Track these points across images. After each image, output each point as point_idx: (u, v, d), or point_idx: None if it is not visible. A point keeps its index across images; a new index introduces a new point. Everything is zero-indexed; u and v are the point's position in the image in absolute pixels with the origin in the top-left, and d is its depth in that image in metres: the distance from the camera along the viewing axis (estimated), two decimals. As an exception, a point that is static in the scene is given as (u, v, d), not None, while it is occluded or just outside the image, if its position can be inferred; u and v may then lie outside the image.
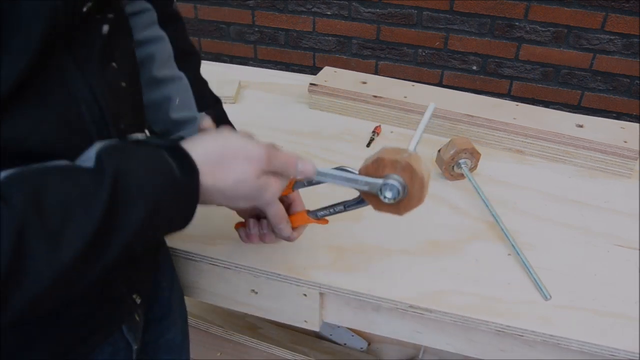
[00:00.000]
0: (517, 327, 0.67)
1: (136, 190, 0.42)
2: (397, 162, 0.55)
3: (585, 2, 1.90)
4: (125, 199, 0.41)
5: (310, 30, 2.29)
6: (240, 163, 0.50)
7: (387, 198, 0.56)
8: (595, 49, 1.99)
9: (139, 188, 0.42)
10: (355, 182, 0.58)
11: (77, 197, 0.39)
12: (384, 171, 0.56)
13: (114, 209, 0.41)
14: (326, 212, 0.65)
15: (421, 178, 0.55)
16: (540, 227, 0.82)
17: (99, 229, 0.40)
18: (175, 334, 0.79)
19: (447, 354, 1.38)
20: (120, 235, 0.42)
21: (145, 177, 0.43)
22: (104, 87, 0.48)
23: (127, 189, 0.42)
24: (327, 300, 0.76)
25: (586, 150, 0.95)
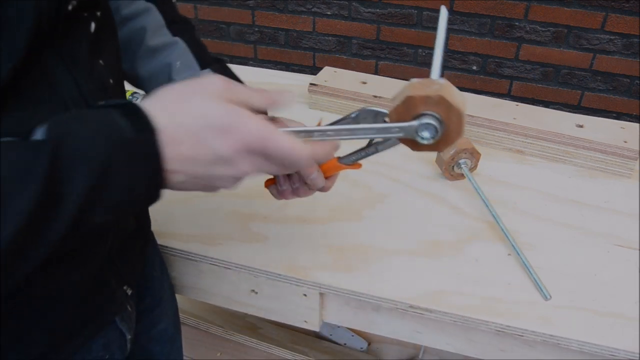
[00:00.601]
0: (517, 327, 0.67)
1: (78, 156, 0.37)
2: (429, 98, 0.49)
3: (585, 2, 1.90)
4: (66, 167, 0.37)
5: (310, 30, 2.29)
6: (195, 94, 0.43)
7: (426, 139, 0.51)
8: (595, 49, 1.99)
9: (80, 153, 0.38)
10: (388, 131, 0.52)
11: (15, 171, 0.36)
12: (416, 110, 0.50)
13: (54, 179, 0.36)
14: (358, 156, 0.59)
15: (457, 110, 0.49)
16: (540, 227, 0.82)
17: (40, 202, 0.36)
18: (167, 325, 0.79)
19: (447, 354, 1.38)
20: (65, 207, 0.37)
21: (88, 140, 0.38)
22: (92, 85, 0.48)
23: (68, 155, 0.37)
24: (327, 300, 0.76)
25: (586, 150, 0.95)
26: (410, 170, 0.94)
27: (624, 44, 1.95)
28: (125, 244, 0.60)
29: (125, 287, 0.61)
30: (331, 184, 0.61)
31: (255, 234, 0.79)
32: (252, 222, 0.81)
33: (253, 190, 0.87)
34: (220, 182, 0.46)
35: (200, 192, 0.48)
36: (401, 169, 0.94)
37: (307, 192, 0.61)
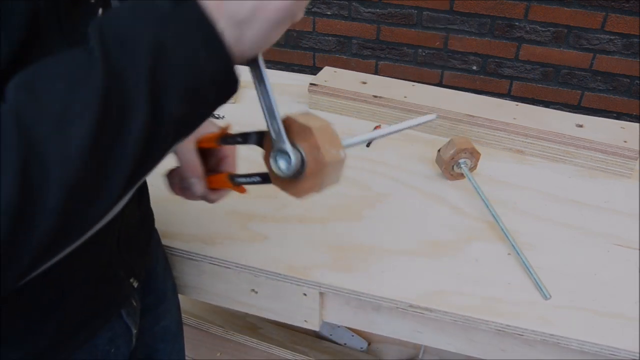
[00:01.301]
0: (517, 327, 0.67)
1: (128, 36, 0.35)
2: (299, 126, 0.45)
3: (585, 2, 1.90)
4: (120, 57, 0.35)
5: (310, 30, 2.29)
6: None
7: (280, 169, 0.47)
8: (595, 49, 1.99)
9: (128, 40, 0.35)
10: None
11: (73, 72, 0.34)
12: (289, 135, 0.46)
13: (113, 73, 0.34)
14: (244, 180, 0.56)
15: (322, 156, 0.44)
16: (540, 227, 0.82)
17: (104, 96, 0.34)
18: (171, 321, 0.79)
19: (448, 354, 1.38)
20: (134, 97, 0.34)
21: (129, 26, 0.36)
22: None
23: (116, 39, 0.35)
24: (327, 300, 0.76)
25: (586, 150, 0.95)
26: (410, 170, 0.94)
27: (624, 44, 1.95)
28: (130, 235, 0.61)
29: (131, 279, 0.62)
30: (217, 198, 0.61)
31: (255, 233, 0.79)
32: (252, 222, 0.81)
33: (253, 190, 0.87)
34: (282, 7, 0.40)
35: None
36: (401, 168, 0.94)
37: (190, 196, 0.61)
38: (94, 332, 0.58)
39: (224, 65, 0.38)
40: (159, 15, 0.36)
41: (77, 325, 0.55)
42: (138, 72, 0.35)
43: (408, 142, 1.02)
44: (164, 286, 0.77)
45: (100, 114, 0.34)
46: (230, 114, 1.10)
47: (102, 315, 0.59)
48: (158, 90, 0.35)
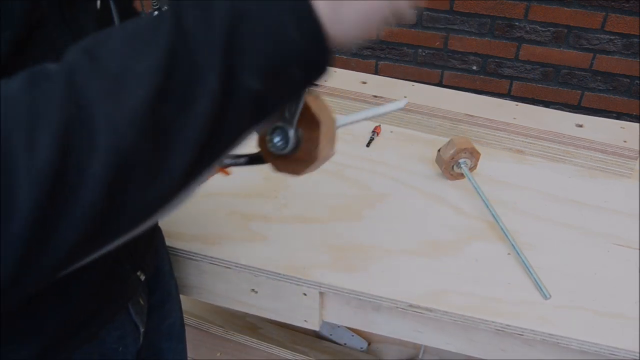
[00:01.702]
0: (517, 327, 0.67)
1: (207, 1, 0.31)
2: None
3: (585, 2, 1.90)
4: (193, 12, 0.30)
5: (310, 30, 2.29)
6: None
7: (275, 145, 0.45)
8: (595, 49, 1.99)
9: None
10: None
11: (139, 34, 0.30)
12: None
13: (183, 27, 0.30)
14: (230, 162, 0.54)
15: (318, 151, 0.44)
16: (540, 227, 0.82)
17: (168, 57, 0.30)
18: (175, 320, 0.80)
19: (448, 354, 1.38)
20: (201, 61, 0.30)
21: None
22: None
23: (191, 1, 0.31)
24: (327, 300, 0.76)
25: (586, 150, 0.95)
26: (410, 170, 0.94)
27: (624, 44, 1.95)
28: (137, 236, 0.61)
29: (138, 272, 0.62)
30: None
31: (255, 233, 0.79)
32: (252, 222, 0.81)
33: (253, 190, 0.88)
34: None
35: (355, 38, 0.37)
36: (401, 168, 0.94)
37: None
38: (101, 327, 0.58)
39: (314, 38, 0.33)
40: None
41: (83, 321, 0.55)
42: (212, 35, 0.30)
43: (408, 142, 1.02)
44: (169, 285, 0.77)
45: (162, 78, 0.29)
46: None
47: (110, 308, 0.59)
48: (234, 59, 0.31)
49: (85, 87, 0.29)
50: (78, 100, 0.28)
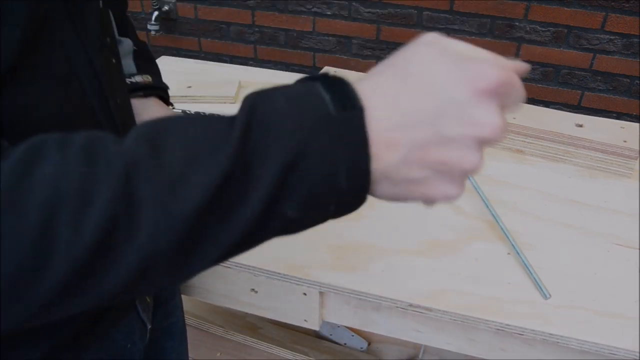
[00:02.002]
0: (517, 326, 0.67)
1: (274, 126, 0.31)
2: None
3: (585, 2, 1.90)
4: (259, 139, 0.31)
5: (310, 30, 2.29)
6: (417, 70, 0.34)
7: None
8: (595, 49, 1.99)
9: (277, 124, 0.32)
10: None
11: (203, 141, 0.31)
12: None
13: (245, 152, 0.31)
14: None
15: None
16: (540, 227, 0.82)
17: (228, 176, 0.31)
18: (178, 318, 0.80)
19: (448, 354, 1.38)
20: (255, 187, 0.31)
21: (285, 111, 0.32)
22: (101, 62, 0.48)
23: (262, 126, 0.31)
24: (327, 299, 0.76)
25: (586, 150, 0.95)
26: (410, 169, 0.94)
27: (624, 44, 1.95)
28: None
29: None
30: None
31: (255, 233, 0.79)
32: (252, 222, 0.81)
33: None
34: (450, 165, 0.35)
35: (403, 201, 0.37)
36: (401, 168, 0.94)
37: None
38: (109, 326, 0.58)
39: (359, 192, 0.34)
40: (317, 117, 0.32)
41: (94, 320, 0.56)
42: (269, 169, 0.31)
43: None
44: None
45: (212, 196, 0.30)
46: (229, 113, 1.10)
47: (119, 309, 0.59)
48: (282, 192, 0.32)
49: (141, 187, 0.30)
50: (131, 197, 0.29)
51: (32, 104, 0.41)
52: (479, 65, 0.34)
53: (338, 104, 0.33)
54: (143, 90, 0.66)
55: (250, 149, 0.31)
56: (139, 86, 0.66)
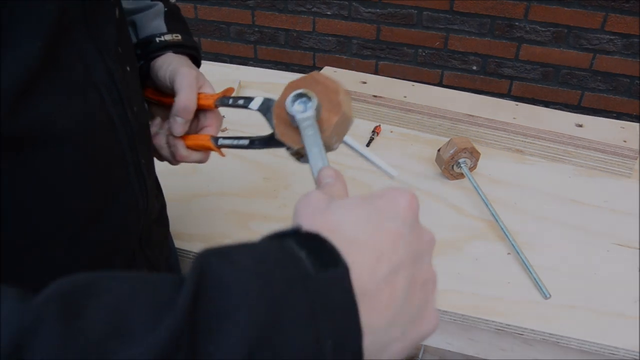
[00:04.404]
0: (517, 326, 0.67)
1: (236, 290, 0.25)
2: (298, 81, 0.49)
3: (585, 2, 1.90)
4: (214, 306, 0.24)
5: (310, 30, 2.29)
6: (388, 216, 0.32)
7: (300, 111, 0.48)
8: (595, 49, 1.99)
9: (240, 287, 0.25)
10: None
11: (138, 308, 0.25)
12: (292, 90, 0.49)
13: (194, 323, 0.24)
14: (228, 142, 0.57)
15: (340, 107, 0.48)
16: (540, 227, 0.82)
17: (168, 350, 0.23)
18: None
19: (448, 354, 1.38)
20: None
21: (250, 272, 0.26)
22: (119, 70, 0.49)
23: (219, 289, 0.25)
24: (327, 300, 0.77)
25: (586, 149, 0.95)
26: (410, 169, 0.94)
27: (624, 44, 1.95)
28: (151, 230, 0.61)
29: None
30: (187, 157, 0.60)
31: (255, 233, 0.79)
32: (252, 222, 0.81)
33: (253, 190, 0.88)
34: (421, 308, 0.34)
35: None
36: (401, 168, 0.94)
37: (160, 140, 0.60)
38: None
39: None
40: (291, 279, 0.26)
41: None
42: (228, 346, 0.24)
43: (408, 142, 1.02)
44: None
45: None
46: (230, 114, 1.10)
47: None
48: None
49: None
50: None
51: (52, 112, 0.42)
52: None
53: (316, 262, 0.27)
54: (172, 48, 0.67)
55: (202, 320, 0.24)
56: (169, 44, 0.67)
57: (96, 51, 0.46)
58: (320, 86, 0.49)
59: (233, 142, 0.58)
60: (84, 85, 0.45)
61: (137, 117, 0.54)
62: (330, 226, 0.30)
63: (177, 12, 0.72)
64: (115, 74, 0.48)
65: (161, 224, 0.68)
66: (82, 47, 0.45)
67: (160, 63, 0.63)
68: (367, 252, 0.29)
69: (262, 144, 0.56)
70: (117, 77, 0.49)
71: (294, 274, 0.26)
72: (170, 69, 0.61)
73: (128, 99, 0.51)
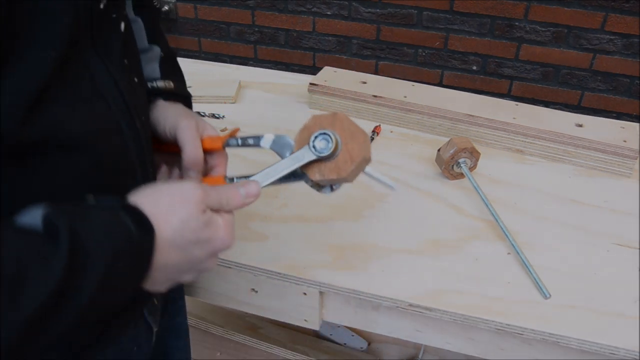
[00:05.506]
0: (517, 326, 0.67)
1: (95, 253, 0.40)
2: (322, 118, 0.56)
3: (585, 2, 1.90)
4: (83, 262, 0.39)
5: (310, 30, 2.29)
6: (178, 203, 0.48)
7: (324, 151, 0.55)
8: (595, 49, 1.99)
9: (98, 251, 0.41)
10: (297, 159, 0.57)
11: (33, 257, 0.38)
12: (312, 132, 0.56)
13: (72, 271, 0.38)
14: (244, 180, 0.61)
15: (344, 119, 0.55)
16: (540, 227, 0.82)
17: (56, 291, 0.38)
18: (184, 318, 0.80)
19: (448, 354, 1.38)
20: (77, 298, 0.39)
21: (104, 239, 0.41)
22: (124, 82, 0.51)
23: (86, 252, 0.40)
24: (327, 299, 0.77)
25: (586, 149, 0.95)
26: (410, 169, 0.94)
27: (624, 44, 1.95)
28: None
29: None
30: None
31: (255, 233, 0.79)
32: (252, 222, 0.81)
33: (253, 189, 0.87)
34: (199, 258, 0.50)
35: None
36: (401, 168, 0.94)
37: None
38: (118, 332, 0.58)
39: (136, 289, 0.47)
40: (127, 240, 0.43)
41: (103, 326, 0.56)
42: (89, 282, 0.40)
43: (408, 142, 1.02)
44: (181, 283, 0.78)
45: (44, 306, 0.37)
46: (230, 114, 1.10)
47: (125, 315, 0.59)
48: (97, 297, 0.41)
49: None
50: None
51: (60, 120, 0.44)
52: None
53: (138, 228, 0.44)
54: (163, 95, 0.67)
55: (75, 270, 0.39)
56: (160, 90, 0.67)
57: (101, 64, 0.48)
58: (342, 127, 0.56)
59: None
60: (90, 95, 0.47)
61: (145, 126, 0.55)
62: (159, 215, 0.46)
63: (173, 58, 0.73)
64: (120, 84, 0.50)
65: None
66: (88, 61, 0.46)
67: (156, 116, 0.63)
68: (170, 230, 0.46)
69: (285, 179, 0.59)
70: (123, 87, 0.50)
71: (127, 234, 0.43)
72: (169, 124, 0.62)
73: (136, 108, 0.52)
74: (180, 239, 0.47)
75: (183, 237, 0.47)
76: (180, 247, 0.47)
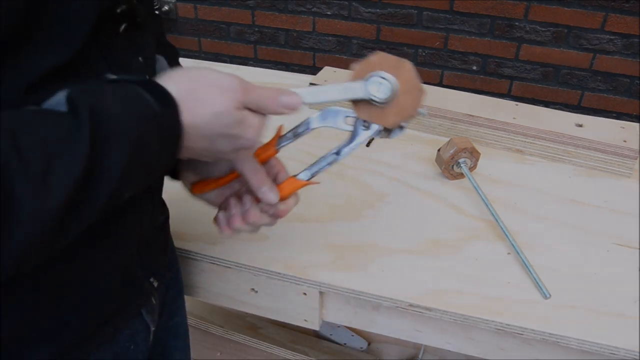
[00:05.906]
0: (517, 326, 0.67)
1: (117, 129, 0.40)
2: (388, 59, 0.56)
3: (585, 2, 1.90)
4: (107, 139, 0.39)
5: (310, 30, 2.29)
6: (214, 94, 0.48)
7: (377, 97, 0.55)
8: (595, 49, 1.99)
9: (119, 126, 0.40)
10: (348, 90, 0.57)
11: (57, 141, 0.37)
12: (370, 69, 0.56)
13: (96, 150, 0.38)
14: (313, 170, 0.59)
15: (409, 70, 0.54)
16: (540, 227, 0.82)
17: (85, 171, 0.38)
18: (183, 318, 0.80)
19: (448, 354, 1.38)
20: (107, 176, 0.39)
21: (123, 114, 0.41)
22: None
23: (107, 128, 0.39)
24: (327, 299, 0.77)
25: (586, 149, 0.95)
26: (410, 169, 0.94)
27: (624, 44, 1.95)
28: (151, 238, 0.62)
29: (151, 279, 0.63)
30: (287, 209, 0.60)
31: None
32: (252, 222, 0.81)
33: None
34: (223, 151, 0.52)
35: None
36: (401, 168, 0.94)
37: (258, 216, 0.59)
38: (115, 331, 0.59)
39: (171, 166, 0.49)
40: (149, 114, 0.43)
41: (100, 324, 0.56)
42: (116, 159, 0.40)
43: (408, 142, 1.02)
44: (181, 281, 0.78)
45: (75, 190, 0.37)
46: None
47: (123, 314, 0.60)
48: (125, 178, 0.41)
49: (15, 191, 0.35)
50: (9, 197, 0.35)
51: None
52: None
53: (159, 103, 0.44)
54: None
55: (100, 149, 0.39)
56: None
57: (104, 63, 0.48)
58: (404, 78, 0.55)
59: (314, 168, 0.59)
60: None
61: None
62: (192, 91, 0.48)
63: None
64: None
65: (163, 231, 0.69)
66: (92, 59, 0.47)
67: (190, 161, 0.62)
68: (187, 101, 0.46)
69: (347, 146, 0.61)
70: None
71: (149, 112, 0.43)
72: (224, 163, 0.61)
73: None
74: (210, 130, 0.48)
75: (213, 129, 0.48)
76: (208, 137, 0.48)
